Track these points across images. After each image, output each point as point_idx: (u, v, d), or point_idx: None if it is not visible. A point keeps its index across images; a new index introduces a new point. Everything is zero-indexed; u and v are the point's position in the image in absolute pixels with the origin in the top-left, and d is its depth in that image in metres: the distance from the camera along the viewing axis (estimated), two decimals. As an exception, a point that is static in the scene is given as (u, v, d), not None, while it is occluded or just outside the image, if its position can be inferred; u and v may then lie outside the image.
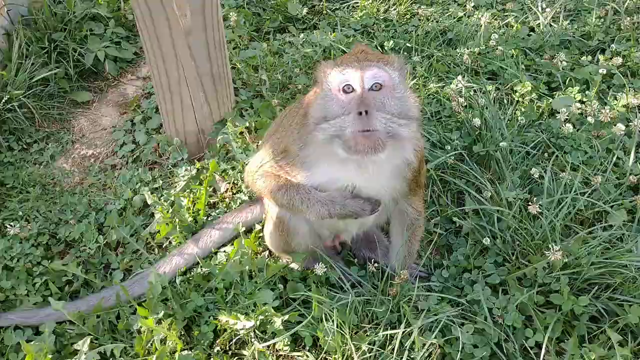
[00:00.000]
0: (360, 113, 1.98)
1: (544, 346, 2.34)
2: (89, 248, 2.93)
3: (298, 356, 2.45)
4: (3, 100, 3.49)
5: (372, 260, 2.70)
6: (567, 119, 3.26)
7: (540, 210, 2.71)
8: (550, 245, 2.51)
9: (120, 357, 2.46)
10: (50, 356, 2.38)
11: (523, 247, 2.70)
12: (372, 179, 2.24)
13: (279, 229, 2.52)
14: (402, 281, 2.49)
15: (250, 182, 2.51)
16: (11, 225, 2.93)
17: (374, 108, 2.01)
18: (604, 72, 3.55)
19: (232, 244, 2.86)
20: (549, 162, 3.05)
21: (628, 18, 4.01)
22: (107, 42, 4.03)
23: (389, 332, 2.39)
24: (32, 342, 2.42)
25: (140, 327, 2.47)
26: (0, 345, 2.57)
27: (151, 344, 2.46)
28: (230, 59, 3.58)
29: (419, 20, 4.33)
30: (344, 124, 2.03)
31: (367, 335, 2.41)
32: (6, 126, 3.58)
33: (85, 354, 2.38)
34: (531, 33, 4.14)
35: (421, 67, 3.80)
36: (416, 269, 2.71)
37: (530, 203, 2.74)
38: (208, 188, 3.01)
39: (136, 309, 2.50)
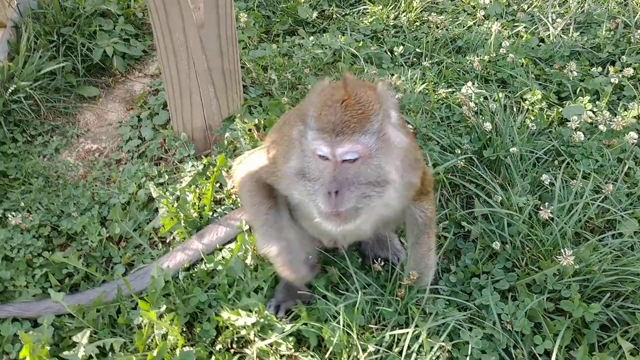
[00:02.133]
0: (330, 193, 1.94)
1: (554, 354, 2.29)
2: (91, 241, 2.88)
3: (302, 356, 2.39)
4: (9, 91, 3.45)
5: (379, 259, 2.65)
6: (577, 127, 3.24)
7: (551, 216, 2.67)
8: (561, 251, 2.47)
9: (119, 351, 2.40)
10: (48, 348, 2.33)
11: (533, 253, 2.66)
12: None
13: None
14: (410, 282, 2.44)
15: (238, 182, 2.49)
16: (12, 216, 2.88)
17: (346, 186, 1.95)
18: (616, 81, 3.54)
19: (236, 240, 2.82)
20: (559, 169, 3.02)
21: (638, 31, 4.00)
22: (116, 38, 4.01)
23: (396, 332, 2.34)
24: (29, 333, 2.36)
25: (141, 322, 2.42)
26: (-3, 337, 2.51)
27: (152, 340, 2.41)
28: (239, 58, 3.56)
29: (429, 27, 4.32)
30: (317, 195, 2.00)
31: (373, 337, 2.36)
32: (11, 117, 3.54)
33: (84, 346, 2.33)
34: (541, 43, 4.13)
35: (431, 73, 3.79)
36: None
37: (540, 209, 2.71)
38: (215, 184, 2.97)
39: (136, 305, 2.44)
